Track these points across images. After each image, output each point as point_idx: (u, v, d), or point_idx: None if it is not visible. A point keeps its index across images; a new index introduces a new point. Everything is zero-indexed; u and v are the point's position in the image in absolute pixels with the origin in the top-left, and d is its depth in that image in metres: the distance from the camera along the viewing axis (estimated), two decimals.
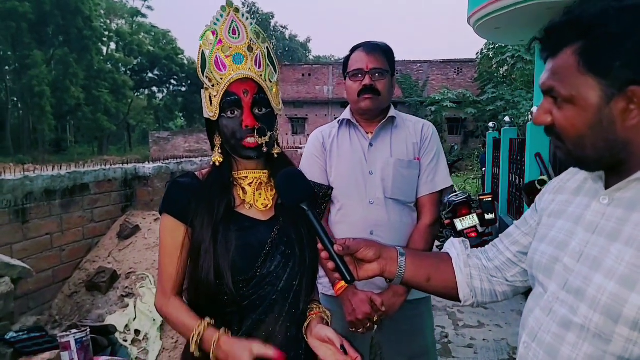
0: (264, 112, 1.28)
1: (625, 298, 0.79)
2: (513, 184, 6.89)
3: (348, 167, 2.00)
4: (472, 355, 4.02)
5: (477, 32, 6.99)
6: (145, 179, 5.12)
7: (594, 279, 0.85)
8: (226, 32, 1.23)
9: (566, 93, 0.87)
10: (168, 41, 48.41)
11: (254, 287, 1.24)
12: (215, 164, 1.33)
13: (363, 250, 1.15)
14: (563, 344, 0.89)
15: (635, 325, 0.79)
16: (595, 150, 0.88)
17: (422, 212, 2.01)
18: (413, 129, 2.05)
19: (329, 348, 1.22)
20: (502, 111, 18.79)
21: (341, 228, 1.99)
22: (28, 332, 2.81)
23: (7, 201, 3.67)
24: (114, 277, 4.18)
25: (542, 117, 0.93)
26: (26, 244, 3.83)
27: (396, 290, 1.86)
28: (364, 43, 2.03)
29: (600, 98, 0.84)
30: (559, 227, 0.99)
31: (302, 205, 1.15)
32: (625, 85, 0.82)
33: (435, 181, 2.02)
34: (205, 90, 1.28)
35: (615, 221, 0.87)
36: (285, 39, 57.98)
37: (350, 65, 2.01)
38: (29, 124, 37.01)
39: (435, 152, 2.04)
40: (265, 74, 1.27)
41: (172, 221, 1.28)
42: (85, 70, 38.43)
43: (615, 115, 0.84)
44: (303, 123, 30.01)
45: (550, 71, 0.90)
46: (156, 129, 41.35)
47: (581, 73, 0.85)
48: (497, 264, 1.20)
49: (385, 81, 1.97)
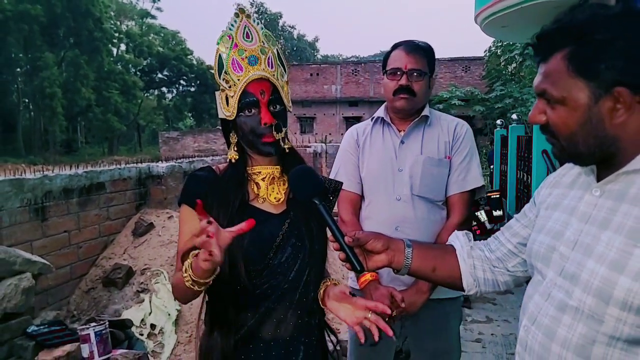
0: (278, 110, 1.36)
1: (615, 281, 0.86)
2: (521, 181, 6.90)
3: (378, 163, 2.03)
4: (480, 349, 4.06)
5: (484, 30, 6.99)
6: (159, 177, 5.22)
7: (587, 264, 0.92)
8: (241, 36, 1.32)
9: (558, 95, 0.95)
10: (177, 42, 48.60)
11: (266, 276, 1.32)
12: (231, 160, 1.41)
13: (372, 242, 1.22)
14: (560, 326, 0.95)
15: (624, 306, 0.85)
16: (587, 146, 0.94)
17: (452, 210, 2.01)
18: (446, 128, 2.05)
19: (348, 307, 1.28)
20: (510, 109, 18.69)
21: (369, 223, 2.02)
22: (49, 326, 2.90)
23: (27, 199, 3.78)
24: (129, 273, 4.28)
25: (536, 116, 1.01)
26: (45, 241, 3.94)
27: (419, 288, 1.88)
28: (406, 42, 2.02)
29: (589, 98, 0.91)
30: (555, 218, 1.06)
31: (314, 199, 1.23)
32: (612, 86, 0.89)
33: (467, 180, 2.00)
34: (222, 92, 1.36)
35: (605, 211, 0.94)
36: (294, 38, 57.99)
37: (390, 63, 2.00)
38: (40, 125, 37.31)
39: (468, 151, 2.03)
40: (277, 73, 1.36)
41: (190, 211, 1.35)
42: (96, 71, 38.69)
43: (603, 114, 0.91)
44: (311, 122, 30.02)
45: (542, 75, 0.98)
46: (166, 129, 41.46)
47: (571, 76, 0.93)
48: (498, 255, 1.27)
49: (422, 82, 1.97)
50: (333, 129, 29.19)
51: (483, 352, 4.00)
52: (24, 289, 2.93)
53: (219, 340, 1.32)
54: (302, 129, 29.78)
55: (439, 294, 1.92)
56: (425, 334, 2.04)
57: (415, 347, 2.12)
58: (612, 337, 0.88)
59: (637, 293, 0.84)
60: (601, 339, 0.89)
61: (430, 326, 2.02)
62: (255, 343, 1.32)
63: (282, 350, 1.34)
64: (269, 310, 1.32)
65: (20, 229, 3.71)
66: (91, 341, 2.74)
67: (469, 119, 25.56)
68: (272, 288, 1.32)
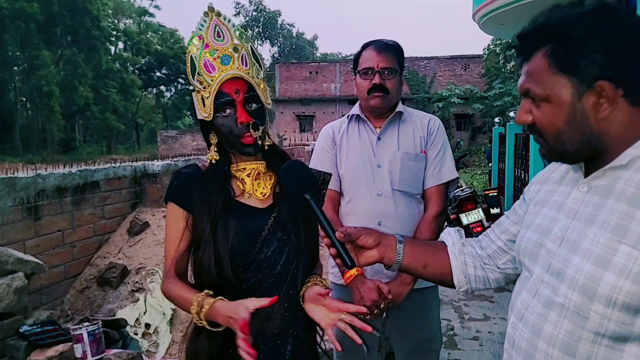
0: (254, 108, 1.35)
1: (599, 277, 0.86)
2: (519, 179, 6.89)
3: (357, 160, 2.07)
4: (477, 347, 4.05)
5: (482, 28, 6.99)
6: (154, 176, 5.20)
7: (572, 260, 0.92)
8: (211, 36, 1.31)
9: (541, 92, 0.95)
10: (175, 40, 48.48)
11: (252, 270, 1.32)
12: (211, 161, 1.40)
13: (363, 237, 1.22)
14: (546, 323, 0.95)
15: (609, 302, 0.85)
16: (574, 144, 0.95)
17: (429, 203, 2.07)
18: (420, 123, 2.11)
19: (322, 309, 1.28)
20: (509, 106, 18.74)
21: (350, 219, 2.06)
22: (41, 326, 2.87)
23: (20, 198, 3.76)
24: (124, 273, 4.26)
25: (523, 116, 1.00)
26: (39, 240, 3.92)
27: (403, 279, 1.92)
28: (375, 41, 2.07)
29: (573, 94, 0.92)
30: (543, 214, 1.06)
31: (305, 195, 1.22)
32: (593, 80, 0.89)
33: (442, 173, 2.07)
34: (197, 93, 1.35)
35: (592, 207, 0.93)
36: (293, 36, 57.89)
37: (361, 62, 2.05)
38: (38, 123, 37.26)
39: (441, 145, 2.09)
40: (252, 71, 1.34)
41: (175, 208, 1.37)
42: (94, 69, 38.65)
43: (587, 110, 0.91)
44: (311, 120, 30.01)
45: (525, 74, 0.98)
46: (164, 127, 41.47)
47: (553, 73, 0.93)
48: (489, 252, 1.27)
49: (394, 80, 2.03)
50: None
51: (480, 350, 3.99)
52: (16, 288, 2.90)
53: (206, 341, 1.33)
54: (301, 127, 29.79)
55: (419, 283, 1.98)
56: (409, 324, 2.10)
57: (399, 339, 2.18)
58: (597, 334, 0.88)
59: (621, 289, 0.84)
60: (586, 336, 0.89)
61: (412, 315, 2.07)
62: None
63: (270, 344, 1.34)
64: None
65: (13, 228, 3.68)
66: (84, 341, 2.71)
67: (468, 117, 25.63)
68: (259, 282, 1.33)
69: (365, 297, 1.87)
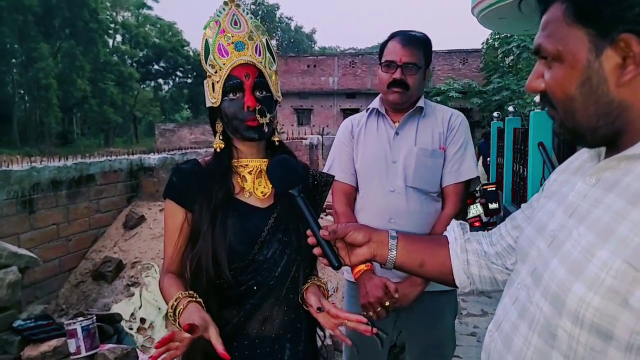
0: (264, 95, 1.32)
1: (569, 286, 0.71)
2: (517, 174, 6.87)
3: (372, 155, 2.02)
4: (475, 343, 4.05)
5: (481, 22, 6.96)
6: (151, 169, 5.17)
7: (551, 264, 0.78)
8: (228, 23, 1.30)
9: (552, 48, 0.78)
10: (174, 33, 48.36)
11: (251, 272, 1.29)
12: (216, 150, 1.37)
13: (351, 233, 1.13)
14: (517, 335, 0.83)
15: (576, 319, 0.70)
16: (587, 117, 0.77)
17: (446, 202, 1.99)
18: (441, 119, 2.03)
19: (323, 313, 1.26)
20: (507, 101, 18.73)
21: (362, 215, 2.01)
22: (35, 320, 2.85)
23: (15, 192, 3.73)
24: (119, 267, 4.24)
25: (533, 82, 0.84)
26: (33, 233, 3.89)
27: (413, 281, 1.85)
28: (402, 32, 1.99)
29: (590, 51, 0.74)
30: (547, 208, 0.92)
31: (292, 191, 1.17)
32: (617, 34, 0.71)
33: (460, 171, 1.98)
34: (208, 79, 1.33)
35: (590, 203, 0.77)
36: (291, 30, 57.70)
37: (385, 54, 1.98)
38: (36, 116, 37.16)
39: (462, 142, 2.00)
40: (264, 61, 1.32)
41: (173, 205, 1.35)
42: (92, 62, 38.52)
43: (606, 72, 0.74)
44: (308, 114, 29.96)
45: (540, 28, 0.82)
46: (162, 120, 41.39)
47: (567, 24, 0.77)
48: (498, 249, 1.11)
49: (416, 76, 1.94)
50: (330, 120, 29.12)
51: (478, 345, 3.98)
52: (9, 282, 2.88)
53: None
54: (299, 121, 29.74)
55: (434, 286, 1.88)
56: (419, 326, 2.04)
57: (409, 339, 2.12)
58: (567, 358, 0.72)
59: (589, 305, 0.68)
60: (555, 358, 0.73)
61: (424, 318, 2.01)
62: (240, 340, 1.30)
63: (268, 348, 1.31)
64: (254, 307, 1.30)
65: (7, 221, 3.65)
66: (78, 336, 2.70)
67: (467, 111, 25.56)
68: (258, 284, 1.29)
69: (370, 293, 1.82)
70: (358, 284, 1.90)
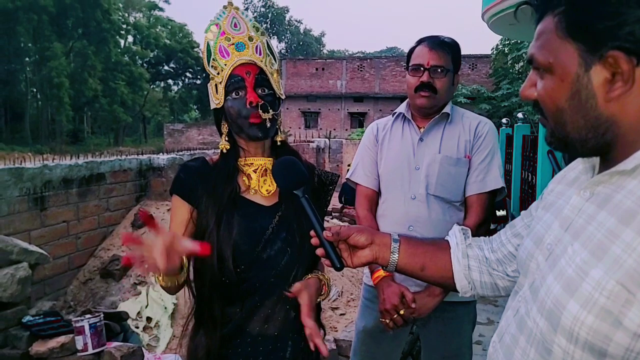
0: (266, 92, 1.35)
1: (564, 304, 0.72)
2: (525, 181, 6.84)
3: (396, 161, 1.98)
4: (480, 352, 4.01)
5: (491, 28, 6.94)
6: (160, 169, 5.21)
7: (547, 279, 0.79)
8: (228, 25, 1.34)
9: (544, 60, 0.79)
10: (184, 34, 48.67)
11: (254, 270, 1.30)
12: (222, 151, 1.40)
13: (354, 236, 1.13)
14: (516, 347, 0.84)
15: (570, 337, 0.71)
16: (576, 129, 0.78)
17: (468, 212, 1.93)
18: (468, 126, 1.97)
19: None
20: (516, 107, 18.61)
21: (383, 221, 1.99)
22: (44, 316, 2.89)
23: (27, 189, 3.77)
24: (127, 265, 4.27)
25: (527, 90, 0.85)
26: (44, 230, 3.93)
27: (432, 291, 1.82)
28: (430, 37, 1.96)
29: (579, 65, 0.75)
30: (544, 220, 0.92)
31: (296, 192, 1.18)
32: (606, 50, 0.72)
33: (485, 181, 1.91)
34: (212, 81, 1.37)
35: (585, 218, 0.78)
36: (300, 33, 57.82)
37: (413, 58, 1.94)
38: (48, 114, 37.51)
39: (488, 151, 1.94)
40: (265, 60, 1.35)
41: (179, 201, 1.36)
42: (103, 62, 38.87)
43: (594, 87, 0.74)
44: (316, 117, 29.99)
45: (534, 37, 0.83)
46: (171, 121, 41.61)
47: (559, 37, 0.77)
48: (499, 256, 1.12)
49: (444, 80, 1.90)
50: (337, 124, 29.14)
51: (484, 354, 3.96)
52: (20, 278, 2.92)
53: (204, 337, 1.32)
54: (306, 124, 29.76)
55: (452, 297, 1.84)
56: (437, 336, 2.01)
57: (425, 349, 2.10)
58: None
59: (583, 323, 0.69)
60: None
61: (441, 329, 1.98)
62: (242, 338, 1.31)
63: (270, 346, 1.32)
64: (256, 305, 1.31)
65: (19, 218, 3.70)
66: (85, 333, 2.73)
67: None
68: (261, 282, 1.31)
69: (387, 300, 1.81)
70: (376, 289, 1.88)
